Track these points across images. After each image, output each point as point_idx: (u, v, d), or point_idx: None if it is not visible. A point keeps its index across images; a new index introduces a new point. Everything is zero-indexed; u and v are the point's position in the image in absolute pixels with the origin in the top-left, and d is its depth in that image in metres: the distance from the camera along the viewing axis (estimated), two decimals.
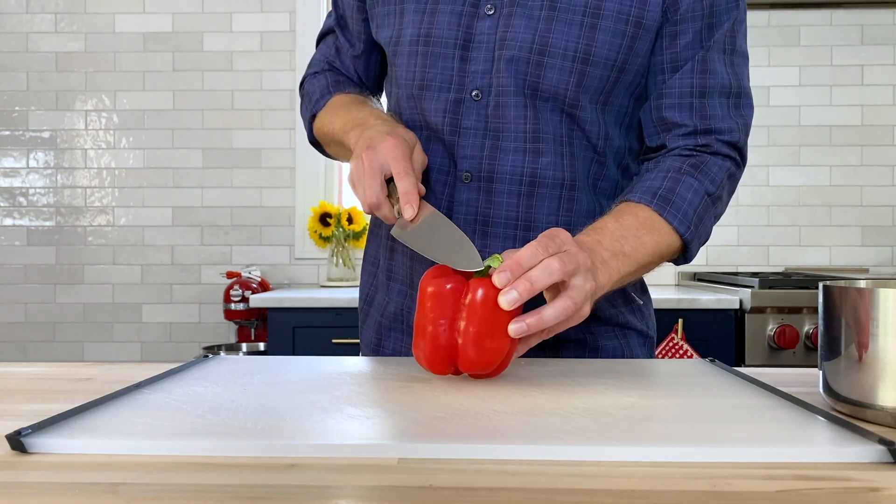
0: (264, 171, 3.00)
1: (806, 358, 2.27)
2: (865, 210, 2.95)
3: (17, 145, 3.04)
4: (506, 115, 1.02)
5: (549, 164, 1.02)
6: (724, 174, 1.02)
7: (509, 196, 1.03)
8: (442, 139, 1.05)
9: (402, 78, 1.07)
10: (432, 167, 1.06)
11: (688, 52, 1.02)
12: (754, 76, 1.10)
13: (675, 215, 0.96)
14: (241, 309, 2.75)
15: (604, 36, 0.98)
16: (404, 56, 1.06)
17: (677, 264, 1.03)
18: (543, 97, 1.01)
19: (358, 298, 1.23)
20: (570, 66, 0.99)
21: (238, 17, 3.01)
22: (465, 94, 1.03)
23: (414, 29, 1.05)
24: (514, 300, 0.74)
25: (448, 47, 1.03)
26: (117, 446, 0.56)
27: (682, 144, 1.03)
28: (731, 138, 1.03)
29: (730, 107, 1.03)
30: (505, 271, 0.75)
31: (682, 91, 1.02)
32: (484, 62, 1.02)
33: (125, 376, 0.88)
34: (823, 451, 0.55)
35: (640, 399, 0.73)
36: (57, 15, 3.02)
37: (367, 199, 0.91)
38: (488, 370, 0.80)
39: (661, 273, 2.93)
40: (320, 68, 1.21)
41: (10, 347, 3.02)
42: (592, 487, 0.49)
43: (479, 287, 0.77)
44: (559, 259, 0.77)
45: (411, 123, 1.08)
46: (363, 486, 0.49)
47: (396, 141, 0.92)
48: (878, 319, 0.63)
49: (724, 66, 1.03)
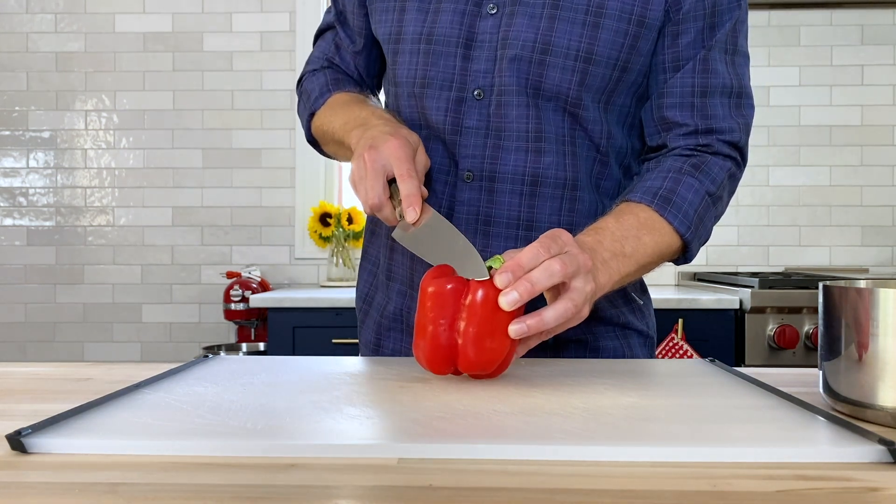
0: (264, 171, 3.00)
1: (806, 358, 2.27)
2: (865, 210, 2.95)
3: (17, 145, 3.04)
4: (508, 114, 1.01)
5: (552, 163, 1.02)
6: (724, 174, 1.02)
7: (511, 196, 1.03)
8: (443, 138, 1.04)
9: (403, 76, 1.06)
10: (435, 167, 1.06)
11: (689, 51, 1.02)
12: (754, 76, 1.10)
13: (675, 215, 0.96)
14: (241, 309, 2.75)
15: (606, 35, 0.98)
16: (406, 54, 1.06)
17: (677, 264, 1.03)
18: (546, 96, 1.00)
19: (356, 298, 1.23)
20: (573, 65, 0.99)
21: (238, 17, 3.01)
22: (466, 94, 1.03)
23: (416, 27, 1.04)
24: (514, 301, 0.74)
25: (450, 46, 1.02)
26: (117, 446, 0.56)
27: (682, 144, 1.03)
28: (732, 138, 1.03)
29: (731, 107, 1.03)
30: (506, 272, 0.75)
31: (683, 90, 1.02)
32: (486, 61, 1.01)
33: (125, 376, 0.88)
34: (823, 451, 0.55)
35: (640, 399, 0.73)
36: (57, 15, 3.02)
37: (369, 200, 0.90)
38: (488, 371, 0.80)
39: (661, 273, 2.93)
40: (319, 65, 1.20)
41: (10, 347, 3.02)
42: (592, 487, 0.49)
43: (480, 288, 0.77)
44: (560, 261, 0.77)
45: (411, 122, 1.07)
46: (363, 486, 0.49)
47: (400, 142, 0.91)
48: (878, 319, 0.63)
49: (725, 65, 1.03)
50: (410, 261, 1.07)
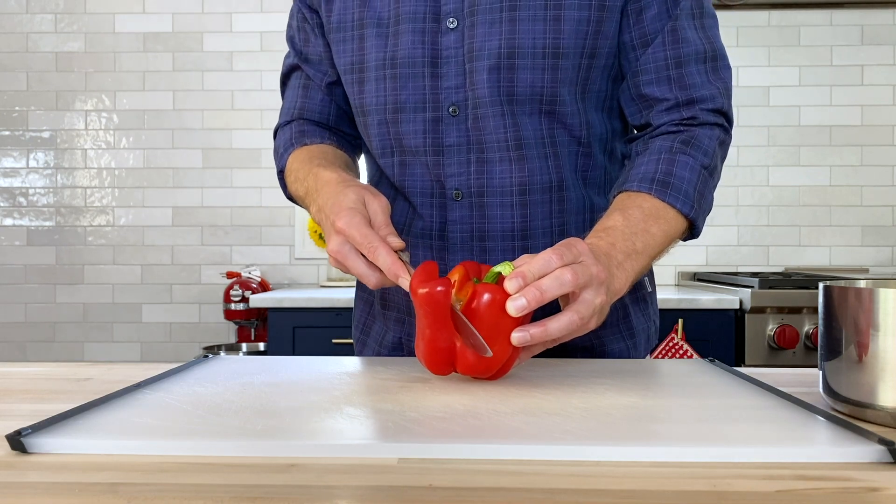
0: (264, 171, 3.00)
1: (806, 358, 2.27)
2: (865, 210, 2.95)
3: (17, 145, 3.04)
4: (486, 126, 1.00)
5: (535, 168, 1.01)
6: (715, 143, 1.01)
7: (502, 208, 1.02)
8: (425, 160, 1.03)
9: (372, 104, 1.04)
10: (417, 190, 1.05)
11: (656, 24, 1.00)
12: (754, 76, 1.10)
13: (676, 198, 0.95)
14: (241, 309, 2.75)
15: (570, 26, 0.97)
16: (371, 82, 1.04)
17: (686, 240, 1.02)
18: (520, 100, 0.99)
19: (352, 325, 1.21)
20: (542, 63, 0.98)
21: (238, 17, 3.01)
22: (441, 112, 1.01)
23: (378, 53, 1.02)
24: (522, 307, 0.74)
25: (416, 67, 1.01)
26: (117, 446, 0.56)
27: (667, 120, 1.01)
28: (715, 105, 1.01)
29: (707, 72, 1.01)
30: (516, 277, 0.74)
31: (657, 65, 1.01)
32: (456, 76, 1.00)
33: (125, 376, 0.88)
34: (823, 451, 0.55)
35: (640, 399, 0.73)
36: (57, 15, 3.02)
37: (376, 286, 0.87)
38: (486, 375, 0.79)
39: (661, 273, 2.93)
40: (288, 118, 1.15)
41: (10, 347, 3.02)
42: (592, 487, 0.49)
43: (486, 292, 0.76)
44: (572, 270, 0.76)
45: (383, 149, 1.05)
46: (363, 486, 0.49)
47: (346, 220, 0.84)
48: (878, 319, 0.63)
49: (695, 31, 1.01)
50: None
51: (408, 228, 1.08)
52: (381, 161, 1.08)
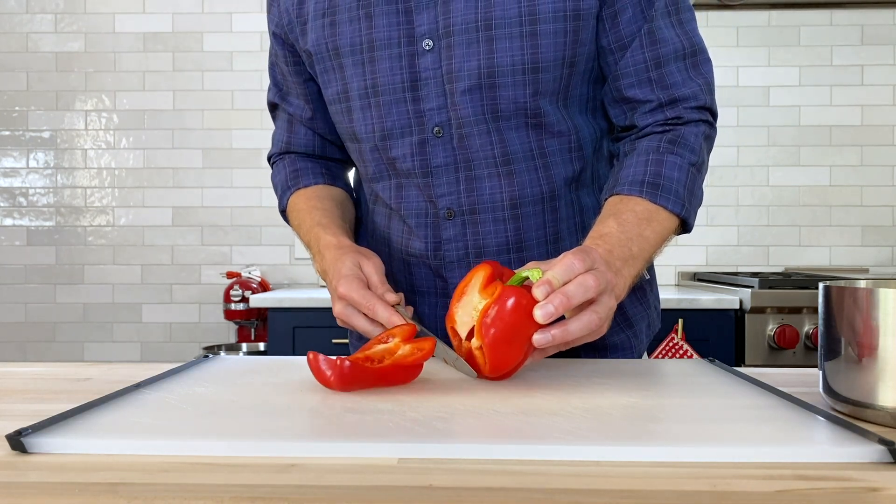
0: (264, 171, 3.00)
1: (806, 358, 2.27)
2: (865, 210, 2.95)
3: (17, 145, 3.04)
4: (472, 144, 1.01)
5: (525, 182, 1.02)
6: (701, 139, 1.01)
7: (495, 224, 1.03)
8: (416, 182, 1.04)
9: (363, 132, 1.06)
10: (412, 211, 1.06)
11: (632, 27, 1.00)
12: (754, 76, 1.10)
13: (667, 199, 0.96)
14: (241, 309, 2.75)
15: (547, 39, 0.97)
16: (358, 111, 1.05)
17: (679, 235, 1.02)
18: (504, 116, 1.00)
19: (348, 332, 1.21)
20: (523, 79, 0.98)
21: (238, 17, 3.01)
22: (426, 134, 1.02)
23: (359, 82, 1.03)
24: (549, 314, 0.75)
25: (396, 92, 1.01)
26: (117, 446, 0.56)
27: (651, 121, 1.01)
28: (698, 102, 1.01)
29: (688, 69, 1.01)
30: (544, 285, 0.76)
31: (637, 68, 1.01)
32: (437, 97, 1.00)
33: (125, 376, 0.88)
34: (823, 451, 0.55)
35: (640, 399, 0.73)
36: (57, 15, 3.02)
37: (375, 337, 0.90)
38: (496, 375, 0.80)
39: (661, 273, 2.93)
40: (278, 150, 1.21)
41: (10, 347, 3.02)
42: (592, 487, 0.49)
43: (512, 295, 0.77)
44: (594, 276, 0.78)
45: (379, 173, 1.08)
46: (363, 486, 0.49)
47: (346, 286, 0.92)
48: (878, 319, 0.63)
49: (671, 28, 1.01)
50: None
51: (405, 248, 1.10)
52: (377, 185, 1.10)
